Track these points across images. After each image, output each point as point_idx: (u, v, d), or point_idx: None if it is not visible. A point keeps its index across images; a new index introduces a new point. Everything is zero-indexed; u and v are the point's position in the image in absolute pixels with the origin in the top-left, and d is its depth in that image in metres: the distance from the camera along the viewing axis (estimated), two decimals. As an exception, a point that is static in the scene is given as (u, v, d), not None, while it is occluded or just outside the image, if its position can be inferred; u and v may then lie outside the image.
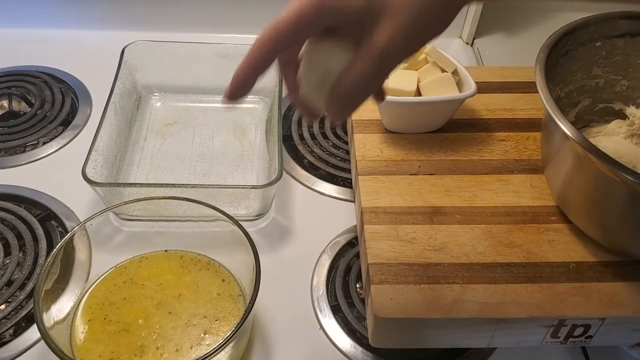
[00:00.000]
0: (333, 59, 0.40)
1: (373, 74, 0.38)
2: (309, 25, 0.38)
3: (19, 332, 0.65)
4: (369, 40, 0.37)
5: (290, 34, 0.38)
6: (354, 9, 0.37)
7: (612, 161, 0.52)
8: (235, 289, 0.65)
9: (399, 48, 0.37)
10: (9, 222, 0.75)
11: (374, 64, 0.37)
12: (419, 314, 0.56)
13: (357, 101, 0.40)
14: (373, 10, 0.37)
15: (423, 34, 0.38)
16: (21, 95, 0.93)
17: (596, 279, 0.59)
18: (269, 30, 0.38)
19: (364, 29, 0.37)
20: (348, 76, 0.38)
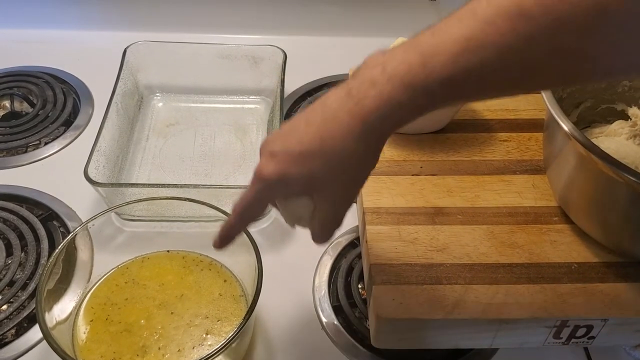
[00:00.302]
0: (297, 209, 0.50)
1: (331, 222, 0.50)
2: (266, 201, 0.50)
3: (21, 332, 0.65)
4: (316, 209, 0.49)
5: (255, 209, 0.50)
6: (297, 187, 0.47)
7: (615, 162, 0.52)
8: (237, 290, 0.65)
9: (338, 211, 0.49)
10: (11, 223, 0.75)
11: (324, 222, 0.50)
12: (421, 314, 0.55)
13: (329, 234, 0.51)
14: (311, 189, 0.47)
15: (352, 195, 0.49)
16: (23, 96, 0.93)
17: (598, 279, 0.59)
18: (240, 208, 0.50)
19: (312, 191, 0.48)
20: (313, 227, 0.51)
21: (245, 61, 0.92)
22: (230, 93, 0.95)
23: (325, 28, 1.09)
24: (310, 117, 0.46)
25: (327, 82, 1.00)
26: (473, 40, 0.39)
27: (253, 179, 0.48)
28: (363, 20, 1.08)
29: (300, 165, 0.45)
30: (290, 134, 0.46)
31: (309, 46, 1.05)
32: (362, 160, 0.46)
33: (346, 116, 0.43)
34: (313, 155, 0.45)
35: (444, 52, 0.40)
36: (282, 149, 0.46)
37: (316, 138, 0.44)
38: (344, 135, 0.44)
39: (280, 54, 0.90)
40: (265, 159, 0.47)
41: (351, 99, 0.43)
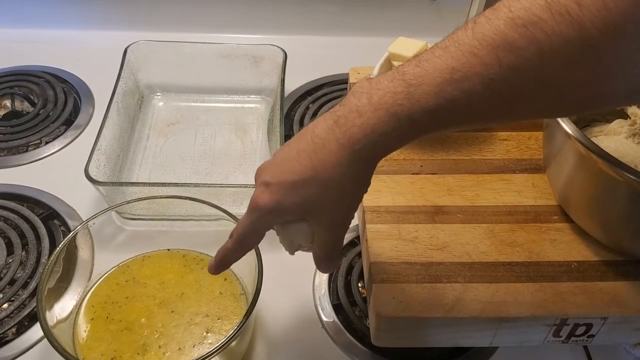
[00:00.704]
0: (296, 234, 0.51)
1: (331, 245, 0.51)
2: (263, 229, 0.51)
3: (22, 330, 0.65)
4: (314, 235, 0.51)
5: (253, 238, 0.52)
6: (292, 215, 0.49)
7: (615, 160, 0.52)
8: (237, 288, 0.65)
9: (336, 235, 0.51)
10: (12, 221, 0.75)
11: (324, 246, 0.51)
12: (421, 313, 0.56)
13: (331, 259, 0.53)
14: (306, 215, 0.49)
15: (347, 219, 0.50)
16: (24, 95, 0.94)
17: (598, 278, 0.59)
18: (238, 236, 0.51)
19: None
20: (315, 253, 0.53)
21: (246, 60, 0.92)
22: (230, 92, 0.95)
23: (325, 27, 1.09)
24: (301, 146, 0.47)
25: (327, 82, 1.00)
26: (457, 70, 0.40)
27: (249, 208, 0.50)
28: (363, 20, 1.08)
29: (294, 194, 0.47)
30: (282, 163, 0.48)
31: (309, 46, 1.06)
32: (353, 185, 0.47)
33: (335, 145, 0.45)
34: (306, 183, 0.46)
35: (429, 82, 0.41)
36: (275, 179, 0.48)
37: (308, 167, 0.46)
38: (334, 164, 0.45)
39: (280, 54, 0.90)
40: (260, 189, 0.49)
41: (339, 128, 0.45)
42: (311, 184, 0.46)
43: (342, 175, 0.46)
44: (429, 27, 1.08)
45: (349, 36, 1.07)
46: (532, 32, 0.37)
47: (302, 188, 0.47)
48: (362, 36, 1.06)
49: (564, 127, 0.56)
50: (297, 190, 0.47)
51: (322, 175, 0.46)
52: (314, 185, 0.46)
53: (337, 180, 0.46)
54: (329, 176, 0.46)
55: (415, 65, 0.42)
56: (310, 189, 0.46)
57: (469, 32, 0.40)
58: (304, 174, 0.46)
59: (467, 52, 0.39)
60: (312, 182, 0.46)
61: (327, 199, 0.47)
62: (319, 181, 0.46)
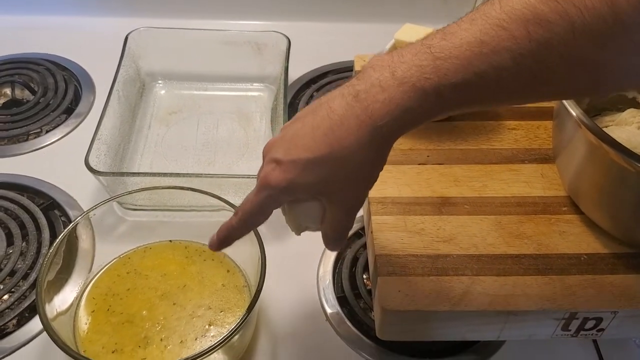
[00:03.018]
0: (306, 214, 0.50)
1: (343, 225, 0.50)
2: (272, 208, 0.49)
3: (22, 322, 0.65)
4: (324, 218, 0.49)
5: (260, 216, 0.49)
6: (305, 195, 0.47)
7: (627, 151, 0.51)
8: (240, 280, 0.64)
9: (349, 214, 0.49)
10: (12, 212, 0.74)
11: (336, 226, 0.50)
12: (427, 306, 0.55)
13: (341, 238, 0.52)
14: (320, 195, 0.47)
15: (362, 198, 0.49)
16: (24, 83, 0.92)
17: (608, 271, 0.58)
18: (245, 214, 0.49)
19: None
20: (325, 232, 0.51)
21: (249, 48, 0.91)
22: (233, 80, 0.94)
23: (329, 14, 1.07)
24: (316, 122, 0.45)
25: (331, 69, 0.99)
26: (486, 44, 0.39)
27: (258, 186, 0.47)
28: (368, 6, 1.07)
29: (309, 173, 0.45)
30: (294, 139, 0.45)
31: (313, 32, 1.04)
32: (371, 164, 0.46)
33: (354, 122, 0.43)
34: (322, 162, 0.44)
35: (457, 55, 0.40)
36: (288, 157, 0.45)
37: (324, 145, 0.44)
38: (352, 142, 0.43)
39: (283, 41, 0.89)
40: (271, 166, 0.46)
41: (359, 104, 0.43)
42: (327, 163, 0.44)
43: (361, 153, 0.44)
44: (435, 14, 1.06)
45: (354, 23, 1.06)
46: (564, 6, 0.36)
47: (317, 167, 0.44)
48: (367, 23, 1.05)
49: (574, 116, 0.55)
50: (311, 168, 0.45)
51: (339, 153, 0.44)
52: (330, 164, 0.44)
53: (355, 159, 0.44)
54: (346, 155, 0.44)
55: (441, 38, 0.41)
56: (326, 167, 0.44)
57: (497, 5, 0.39)
58: (319, 151, 0.44)
59: (496, 26, 0.38)
60: (329, 160, 0.44)
61: (343, 179, 0.45)
62: (335, 160, 0.44)
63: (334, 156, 0.44)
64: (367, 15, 1.06)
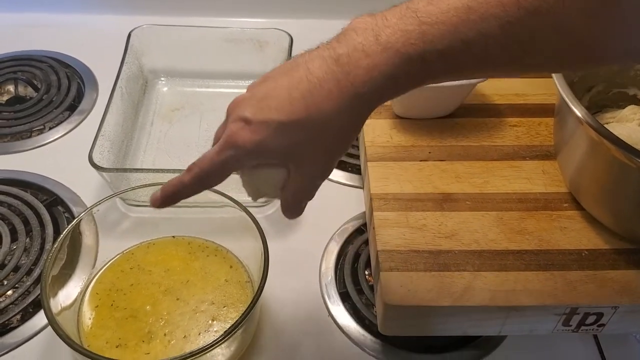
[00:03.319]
0: (267, 180, 0.47)
1: (305, 193, 0.48)
2: (233, 169, 0.46)
3: (27, 317, 0.65)
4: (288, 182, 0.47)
5: (218, 176, 0.46)
6: (272, 159, 0.45)
7: (628, 147, 0.51)
8: (243, 276, 0.65)
9: (314, 183, 0.47)
10: (16, 208, 0.74)
11: (298, 194, 0.48)
12: (428, 301, 0.55)
13: (301, 207, 0.50)
14: (288, 160, 0.45)
15: (331, 167, 0.46)
16: (27, 80, 0.93)
17: (609, 266, 0.58)
18: (202, 172, 0.46)
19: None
20: (285, 199, 0.49)
21: (251, 45, 0.91)
22: (235, 77, 0.94)
23: (331, 11, 1.07)
24: (293, 84, 0.42)
25: (333, 67, 0.98)
26: (474, 10, 0.38)
27: (222, 144, 0.44)
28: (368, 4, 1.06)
29: (280, 136, 0.42)
30: (267, 100, 0.43)
31: (315, 30, 1.03)
32: (348, 131, 0.44)
33: (335, 87, 0.41)
34: (296, 126, 0.42)
35: (444, 21, 0.39)
36: (259, 117, 0.43)
37: (301, 108, 0.42)
38: (332, 107, 0.41)
39: (286, 38, 0.89)
40: (238, 125, 0.43)
41: (340, 68, 0.41)
42: (302, 128, 0.42)
43: (339, 119, 0.42)
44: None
45: (356, 20, 1.06)
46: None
47: (291, 130, 0.42)
48: (368, 20, 1.05)
49: (576, 113, 0.55)
50: (284, 132, 0.42)
51: (316, 118, 0.41)
52: (306, 129, 0.42)
53: (333, 124, 0.42)
54: (324, 120, 0.42)
55: (428, 2, 0.40)
56: (300, 132, 0.42)
57: None
58: (294, 115, 0.41)
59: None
60: (304, 125, 0.42)
61: (317, 145, 0.43)
62: (311, 125, 0.42)
63: (311, 120, 0.42)
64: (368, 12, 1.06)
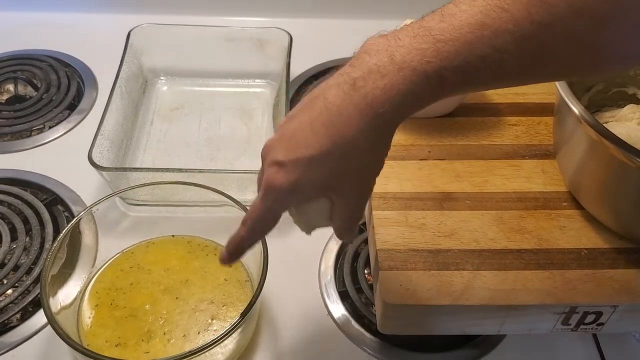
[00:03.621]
0: (314, 212, 0.49)
1: (353, 216, 0.49)
2: (280, 212, 0.47)
3: (26, 316, 0.65)
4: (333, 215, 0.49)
5: (269, 222, 0.48)
6: (312, 194, 0.46)
7: (628, 146, 0.51)
8: (242, 275, 0.65)
9: (358, 205, 0.48)
10: (15, 207, 0.74)
11: (346, 219, 0.49)
12: (428, 300, 0.55)
13: (353, 229, 0.51)
14: (327, 190, 0.46)
15: (370, 187, 0.48)
16: (27, 79, 0.93)
17: (608, 265, 0.58)
18: (254, 222, 0.48)
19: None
20: (337, 226, 0.50)
21: (251, 44, 0.91)
22: (235, 76, 0.94)
23: (331, 10, 1.07)
24: (314, 116, 0.43)
25: (333, 65, 0.99)
26: (488, 26, 0.38)
27: (263, 192, 0.46)
28: (369, 3, 1.07)
29: (313, 170, 0.44)
30: (294, 138, 0.44)
31: (315, 29, 1.04)
32: (375, 152, 0.45)
33: (354, 111, 0.42)
34: (325, 157, 0.43)
35: (458, 38, 0.39)
36: (290, 157, 0.44)
37: (325, 139, 0.42)
38: (354, 132, 0.42)
39: (285, 37, 0.89)
40: (273, 169, 0.45)
41: (357, 92, 0.41)
42: (331, 158, 0.43)
43: (364, 143, 0.42)
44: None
45: (355, 19, 1.06)
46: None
47: (321, 163, 0.43)
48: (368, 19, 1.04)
49: (575, 112, 0.55)
50: (316, 166, 0.43)
51: (342, 146, 0.42)
52: (334, 158, 0.43)
53: (358, 149, 0.43)
54: (349, 146, 0.42)
55: (440, 20, 0.40)
56: (330, 162, 0.43)
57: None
58: (321, 147, 0.42)
59: (497, 7, 0.38)
60: (332, 155, 0.43)
61: (349, 171, 0.44)
62: (339, 153, 0.43)
63: (337, 149, 0.42)
64: (368, 11, 1.06)
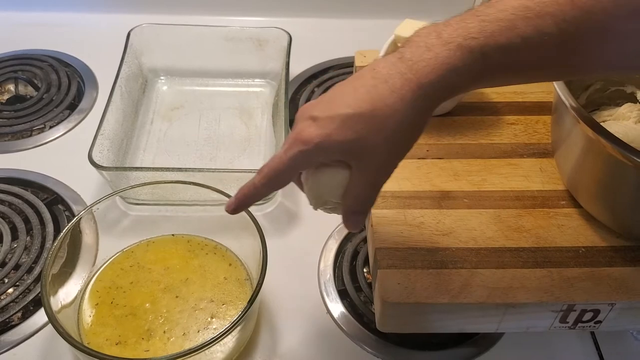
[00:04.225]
0: (330, 181, 0.47)
1: (367, 196, 0.48)
2: (301, 167, 0.47)
3: (27, 315, 0.65)
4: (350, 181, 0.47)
5: (287, 176, 0.47)
6: (337, 154, 0.45)
7: (624, 145, 0.52)
8: (242, 273, 0.65)
9: (377, 183, 0.47)
10: (16, 206, 0.75)
11: (359, 197, 0.47)
12: (426, 298, 0.55)
13: (362, 214, 0.49)
14: (352, 156, 0.45)
15: (393, 166, 0.47)
16: (27, 79, 0.93)
17: (606, 263, 0.58)
18: (271, 171, 0.47)
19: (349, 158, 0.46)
20: (346, 205, 0.48)
21: (250, 44, 0.92)
22: (235, 76, 0.94)
23: (330, 10, 1.07)
24: (359, 82, 0.44)
25: (332, 65, 0.99)
26: (531, 9, 0.41)
27: (290, 142, 0.45)
28: (368, 2, 1.07)
29: (346, 129, 0.43)
30: (333, 99, 0.45)
31: (315, 28, 1.04)
32: (411, 127, 0.45)
33: (399, 80, 0.43)
34: (361, 118, 0.43)
35: (502, 19, 0.41)
36: (325, 113, 0.44)
37: (366, 101, 0.43)
38: (396, 100, 0.42)
39: (285, 37, 0.89)
40: (306, 123, 0.45)
41: (404, 63, 0.43)
42: (367, 120, 0.43)
43: (402, 113, 0.43)
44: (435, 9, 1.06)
45: (355, 19, 1.06)
46: None
47: (356, 123, 0.43)
48: (367, 19, 1.05)
49: (572, 111, 0.55)
50: (350, 124, 0.43)
51: (380, 111, 0.43)
52: (370, 122, 0.43)
53: (396, 117, 0.43)
54: (388, 113, 0.43)
55: (486, 6, 0.42)
56: (364, 124, 0.43)
57: None
58: (360, 107, 0.43)
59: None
60: (368, 117, 0.43)
61: (380, 139, 0.44)
62: (376, 118, 0.43)
63: (375, 114, 0.43)
64: (368, 11, 1.06)
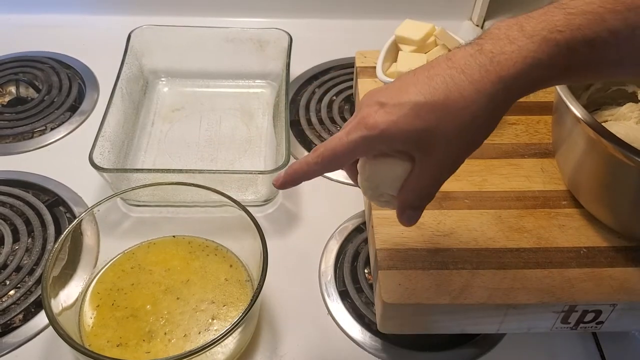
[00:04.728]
0: (389, 172, 0.45)
1: (428, 190, 0.46)
2: (362, 153, 0.45)
3: (29, 317, 0.65)
4: (413, 172, 0.45)
5: (345, 159, 0.45)
6: (402, 144, 0.43)
7: (625, 145, 0.51)
8: (243, 275, 0.65)
9: (440, 178, 0.45)
10: (18, 208, 0.75)
11: (420, 191, 0.46)
12: (427, 299, 0.55)
13: (419, 208, 0.47)
14: (417, 148, 0.43)
15: (460, 162, 0.45)
16: (28, 81, 0.93)
17: (607, 264, 0.58)
18: (328, 152, 0.45)
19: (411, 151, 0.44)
20: (404, 198, 0.46)
21: (251, 45, 0.92)
22: (235, 77, 0.94)
23: (331, 11, 1.07)
24: (433, 71, 0.42)
25: (333, 66, 0.99)
26: (621, 2, 0.38)
27: (352, 126, 0.44)
28: (368, 3, 1.07)
29: (415, 117, 0.41)
30: (405, 86, 0.42)
31: (315, 29, 1.04)
32: (486, 121, 0.42)
33: (477, 72, 0.40)
34: (433, 108, 0.41)
35: (590, 11, 0.39)
36: (395, 100, 0.42)
37: (440, 90, 0.41)
38: (472, 92, 0.40)
39: (285, 37, 0.89)
40: (373, 108, 0.42)
41: (484, 55, 0.41)
42: (438, 110, 0.41)
43: (479, 105, 0.40)
44: (436, 10, 1.06)
45: (355, 19, 1.06)
46: None
47: (427, 112, 0.41)
48: (368, 19, 1.05)
49: (573, 111, 0.55)
50: (420, 113, 0.41)
51: (455, 101, 0.40)
52: (442, 112, 0.41)
53: (472, 111, 0.41)
54: (463, 105, 0.40)
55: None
56: (436, 114, 0.41)
57: None
58: (433, 96, 0.41)
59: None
60: (441, 108, 0.41)
61: (451, 131, 0.41)
62: (449, 108, 0.40)
63: (449, 103, 0.41)
64: (368, 11, 1.06)
